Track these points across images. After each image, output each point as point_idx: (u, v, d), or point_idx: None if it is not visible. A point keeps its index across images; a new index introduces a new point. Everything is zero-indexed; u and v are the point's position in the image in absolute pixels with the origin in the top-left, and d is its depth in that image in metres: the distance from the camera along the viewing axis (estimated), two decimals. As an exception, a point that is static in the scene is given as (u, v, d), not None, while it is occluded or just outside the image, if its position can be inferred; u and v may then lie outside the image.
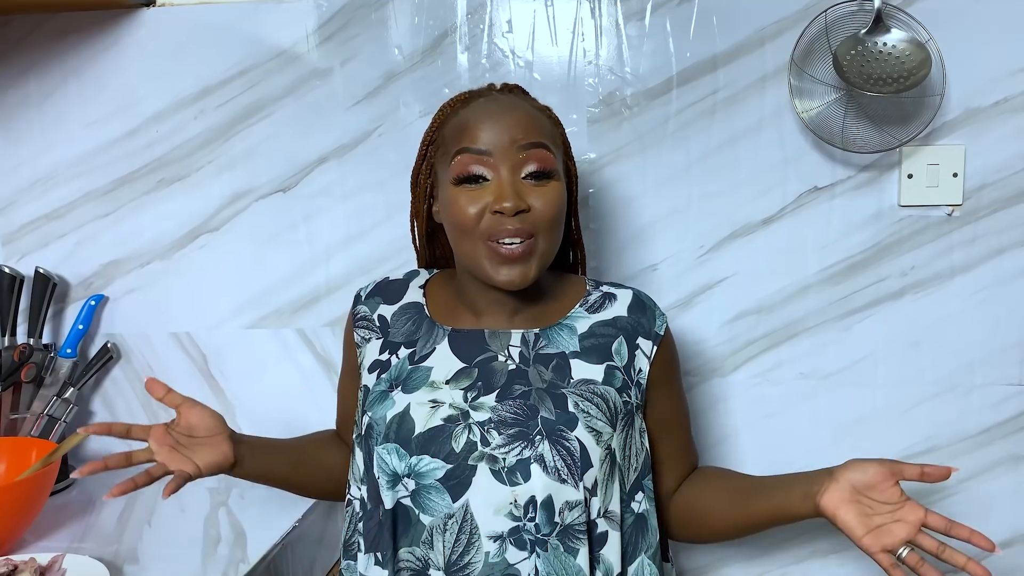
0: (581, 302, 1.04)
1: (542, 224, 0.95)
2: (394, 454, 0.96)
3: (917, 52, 1.20)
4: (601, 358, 1.00)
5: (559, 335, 1.01)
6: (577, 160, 1.34)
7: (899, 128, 1.26)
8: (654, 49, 1.33)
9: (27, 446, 1.28)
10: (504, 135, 0.94)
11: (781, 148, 1.32)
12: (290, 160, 1.43)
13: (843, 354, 1.35)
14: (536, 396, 0.97)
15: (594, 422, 0.96)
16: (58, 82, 1.47)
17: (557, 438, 0.94)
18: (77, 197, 1.49)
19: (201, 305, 1.49)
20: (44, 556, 1.11)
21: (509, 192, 0.93)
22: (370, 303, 1.10)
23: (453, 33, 1.36)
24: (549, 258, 0.98)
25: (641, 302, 1.05)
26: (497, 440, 0.94)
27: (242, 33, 1.40)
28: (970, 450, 1.35)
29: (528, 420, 0.95)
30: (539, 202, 0.94)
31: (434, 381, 0.99)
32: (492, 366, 0.99)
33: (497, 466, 0.93)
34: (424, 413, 0.97)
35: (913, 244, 1.32)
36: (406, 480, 0.96)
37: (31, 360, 1.43)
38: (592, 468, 0.95)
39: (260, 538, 1.22)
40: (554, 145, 0.99)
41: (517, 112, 0.96)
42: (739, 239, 1.35)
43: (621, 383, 1.00)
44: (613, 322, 1.02)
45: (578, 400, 0.97)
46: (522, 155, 0.94)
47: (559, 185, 0.97)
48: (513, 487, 0.93)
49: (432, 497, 0.95)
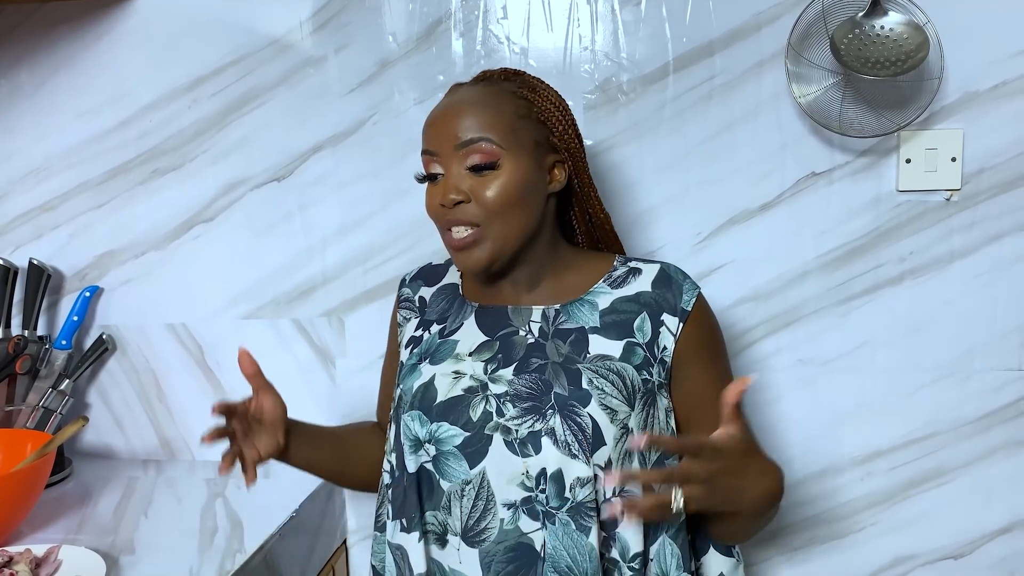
0: (605, 278, 1.05)
1: (487, 212, 0.98)
2: (417, 420, 1.01)
3: (915, 35, 1.19)
4: (621, 334, 1.00)
5: (580, 311, 1.03)
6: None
7: (897, 112, 1.25)
8: (650, 34, 1.32)
9: (23, 438, 1.28)
10: (444, 135, 1.00)
11: (779, 133, 1.31)
12: (285, 149, 1.42)
13: (842, 340, 1.35)
14: (551, 371, 0.99)
15: (608, 399, 0.97)
16: (50, 72, 1.46)
17: (569, 413, 0.96)
18: (70, 188, 1.48)
19: (196, 296, 1.48)
20: (40, 547, 1.11)
21: (449, 186, 0.99)
22: (412, 286, 1.17)
23: (448, 20, 1.35)
24: (506, 244, 1.00)
25: (667, 276, 1.03)
26: (512, 412, 0.97)
27: (235, 21, 1.40)
28: (970, 435, 1.34)
29: (542, 395, 0.97)
30: (480, 191, 0.98)
31: (459, 353, 1.04)
32: (513, 340, 1.03)
33: (510, 437, 0.96)
34: (447, 383, 1.02)
35: (912, 229, 1.31)
36: (427, 446, 1.00)
37: (26, 352, 1.43)
38: (605, 446, 0.96)
39: (257, 528, 1.21)
40: (507, 131, 0.99)
41: (457, 108, 1.00)
42: (737, 225, 1.34)
43: (642, 360, 1.00)
44: (636, 298, 1.02)
45: (592, 376, 0.98)
46: (461, 152, 0.99)
47: (505, 171, 0.99)
48: (524, 458, 0.95)
49: (451, 463, 0.98)
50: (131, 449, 1.54)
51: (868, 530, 1.38)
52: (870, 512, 1.38)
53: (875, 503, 1.38)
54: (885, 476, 1.37)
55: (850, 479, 1.38)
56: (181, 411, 1.52)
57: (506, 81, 1.05)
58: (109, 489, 1.39)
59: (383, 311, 1.37)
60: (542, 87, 1.05)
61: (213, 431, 0.99)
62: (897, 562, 1.38)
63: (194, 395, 1.51)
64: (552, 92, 1.05)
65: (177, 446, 1.53)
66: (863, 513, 1.38)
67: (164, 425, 1.53)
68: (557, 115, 1.04)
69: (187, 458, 1.53)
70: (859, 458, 1.37)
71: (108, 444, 1.55)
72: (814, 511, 1.39)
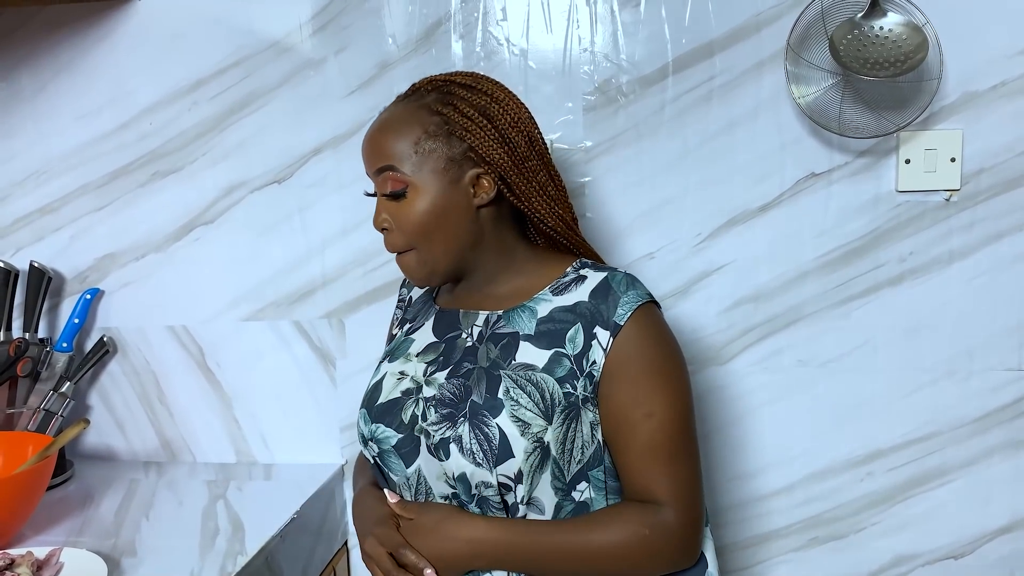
0: (552, 284, 1.02)
1: (408, 238, 1.01)
2: (362, 419, 1.06)
3: (914, 35, 1.19)
4: (551, 344, 0.97)
5: (519, 317, 1.01)
6: (572, 148, 1.35)
7: (896, 113, 1.25)
8: (649, 36, 1.32)
9: (24, 440, 1.28)
10: (365, 159, 1.03)
11: (778, 134, 1.31)
12: (285, 151, 1.42)
13: (842, 341, 1.35)
14: (476, 376, 0.99)
15: (521, 411, 0.95)
16: (51, 75, 1.46)
17: (478, 422, 0.96)
18: (71, 190, 1.48)
19: (197, 298, 1.48)
20: (41, 550, 1.11)
21: (377, 214, 1.03)
22: (409, 285, 1.21)
23: (447, 22, 1.35)
24: (439, 260, 1.01)
25: (607, 287, 0.98)
26: (432, 417, 0.99)
27: (235, 24, 1.40)
28: (969, 435, 1.34)
29: (460, 402, 0.98)
30: (397, 220, 1.01)
31: (409, 353, 1.08)
32: (456, 343, 1.04)
33: (429, 441, 0.98)
34: (391, 384, 1.06)
35: (911, 230, 1.31)
36: (371, 444, 1.05)
37: (27, 355, 1.43)
38: (514, 459, 0.94)
39: (258, 530, 1.21)
40: (413, 154, 0.98)
41: (372, 134, 1.02)
42: (736, 226, 1.34)
43: (567, 372, 0.96)
44: (573, 308, 0.98)
45: (510, 385, 0.96)
46: (377, 179, 1.02)
47: (416, 197, 0.99)
48: (440, 462, 0.97)
49: (392, 461, 1.02)
50: (132, 451, 1.54)
51: (868, 530, 1.38)
52: (870, 512, 1.38)
53: (875, 503, 1.38)
54: (885, 476, 1.37)
55: (850, 479, 1.38)
56: (182, 413, 1.52)
57: (432, 92, 1.01)
58: (110, 491, 1.39)
59: (383, 312, 1.37)
60: (462, 97, 0.99)
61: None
62: (897, 562, 1.38)
63: (195, 397, 1.51)
64: (478, 99, 0.99)
65: (178, 447, 1.53)
66: (863, 513, 1.38)
67: (165, 427, 1.53)
68: (474, 127, 0.98)
69: (188, 460, 1.53)
70: (859, 458, 1.37)
71: (109, 446, 1.55)
72: (814, 511, 1.39)
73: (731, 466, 1.40)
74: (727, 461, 1.40)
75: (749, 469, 1.40)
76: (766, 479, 1.40)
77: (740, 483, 1.40)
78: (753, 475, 1.40)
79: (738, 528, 1.41)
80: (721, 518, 1.42)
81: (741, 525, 1.41)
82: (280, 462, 1.50)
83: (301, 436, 1.49)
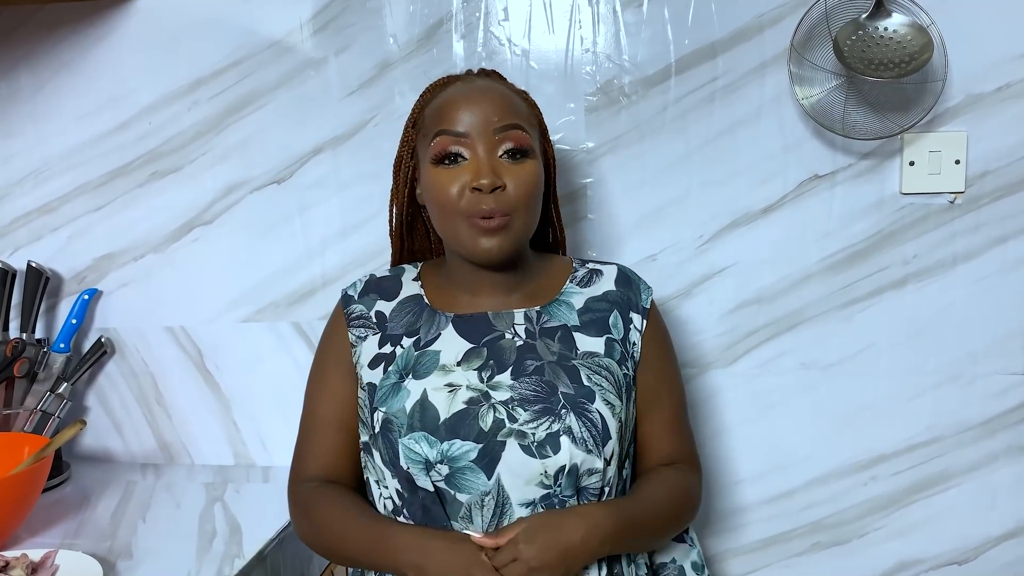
0: (571, 278, 1.08)
1: (518, 202, 0.98)
2: (423, 442, 0.96)
3: (919, 36, 1.18)
4: (600, 331, 1.03)
5: (559, 310, 1.04)
6: (575, 149, 1.34)
7: (900, 115, 1.24)
8: (652, 36, 1.31)
9: (20, 442, 1.26)
10: (480, 116, 0.97)
11: (781, 136, 1.31)
12: (284, 151, 1.41)
13: (845, 344, 1.34)
14: (551, 370, 0.99)
15: (608, 395, 0.99)
16: (50, 74, 1.45)
17: (581, 410, 0.97)
18: (70, 190, 1.47)
19: (196, 299, 1.47)
20: (37, 552, 1.09)
21: (486, 170, 0.96)
22: (365, 301, 1.09)
23: (449, 21, 1.35)
24: (525, 235, 1.01)
25: (627, 276, 1.08)
26: (524, 416, 0.96)
27: (235, 23, 1.39)
28: (973, 440, 1.33)
29: (550, 396, 0.97)
30: (515, 181, 0.97)
31: (444, 364, 1.01)
32: (500, 344, 1.01)
33: (527, 441, 0.95)
34: (443, 398, 0.98)
35: (915, 232, 1.30)
36: (439, 466, 0.96)
37: (24, 355, 1.42)
38: (611, 440, 0.98)
39: (256, 533, 1.20)
40: (529, 126, 1.01)
41: (493, 94, 1.00)
42: (739, 228, 1.33)
43: (620, 355, 1.03)
44: (605, 296, 1.06)
45: (589, 373, 1.00)
46: (498, 136, 0.97)
47: (535, 164, 1.00)
48: (543, 459, 0.95)
49: (468, 477, 0.96)
50: (129, 453, 1.53)
51: (871, 535, 1.37)
52: (873, 517, 1.37)
53: (878, 508, 1.37)
54: (888, 481, 1.36)
55: (853, 484, 1.37)
56: (180, 415, 1.51)
57: (504, 81, 1.08)
58: (107, 493, 1.38)
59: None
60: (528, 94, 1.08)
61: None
62: (901, 568, 1.37)
63: (193, 399, 1.50)
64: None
65: (176, 450, 1.52)
66: (866, 518, 1.37)
67: (163, 429, 1.52)
68: (544, 121, 1.07)
69: (186, 462, 1.52)
70: (862, 463, 1.36)
71: (106, 447, 1.54)
72: (817, 516, 1.38)
73: (733, 470, 1.39)
74: (729, 465, 1.39)
75: (751, 473, 1.39)
76: (768, 483, 1.39)
77: (742, 487, 1.39)
78: (755, 479, 1.39)
79: (739, 533, 1.40)
80: (722, 523, 1.40)
81: (743, 530, 1.40)
82: (279, 464, 1.48)
83: (300, 438, 1.47)
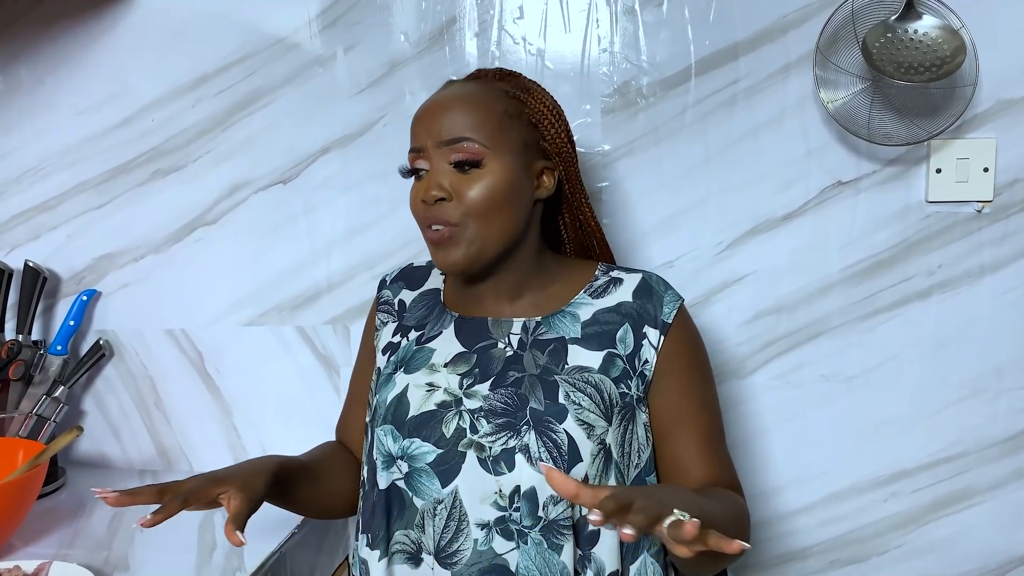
0: (586, 288, 1.03)
1: (467, 212, 0.95)
2: (390, 435, 0.99)
3: (951, 39, 1.14)
4: (602, 345, 0.98)
5: (561, 322, 1.00)
6: (590, 152, 1.31)
7: (928, 120, 1.21)
8: (672, 36, 1.28)
9: (14, 447, 1.24)
10: (430, 130, 0.97)
11: (804, 140, 1.27)
12: (290, 151, 1.39)
13: (867, 356, 1.31)
14: (528, 384, 0.96)
15: (585, 414, 0.94)
16: (49, 68, 1.43)
17: (544, 429, 0.93)
18: (69, 188, 1.45)
19: (197, 301, 1.45)
20: (30, 564, 1.07)
21: (431, 183, 0.96)
22: (394, 288, 1.13)
23: (462, 19, 1.32)
24: (486, 245, 0.96)
25: (648, 287, 1.01)
26: (485, 428, 0.94)
27: (241, 18, 1.36)
28: (998, 457, 1.30)
29: (517, 411, 0.95)
30: (463, 190, 0.95)
31: (434, 364, 1.01)
32: (491, 353, 1.00)
33: (484, 454, 0.93)
34: (420, 396, 0.99)
35: (941, 242, 1.27)
36: (399, 462, 0.98)
37: (20, 357, 1.39)
38: (581, 463, 0.93)
39: (258, 545, 1.16)
40: (494, 132, 0.96)
41: (447, 105, 0.97)
42: (759, 235, 1.30)
43: (620, 372, 0.97)
44: (617, 308, 1.00)
45: (569, 390, 0.95)
46: (443, 148, 0.96)
47: (489, 172, 0.96)
48: (498, 476, 0.92)
49: (423, 481, 0.95)
50: (127, 458, 1.51)
51: (892, 553, 1.34)
52: (894, 535, 1.34)
53: (899, 525, 1.34)
54: (910, 497, 1.33)
55: (873, 500, 1.34)
56: (179, 420, 1.48)
57: (500, 80, 1.03)
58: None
59: (391, 319, 1.34)
60: (537, 89, 1.03)
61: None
62: (921, 587, 1.34)
63: (193, 404, 1.47)
64: (547, 96, 1.03)
65: (175, 456, 1.49)
66: (886, 535, 1.34)
67: (162, 434, 1.49)
68: (550, 118, 1.01)
69: (185, 468, 1.49)
70: (883, 478, 1.33)
71: (103, 453, 1.51)
72: (835, 533, 1.35)
73: (749, 484, 1.36)
74: (745, 478, 1.34)
75: (768, 487, 1.36)
76: (785, 498, 1.36)
77: (758, 502, 1.36)
78: (772, 494, 1.36)
79: (755, 549, 1.37)
80: (737, 538, 1.37)
81: (759, 546, 1.37)
82: (280, 473, 1.45)
83: (303, 447, 1.41)
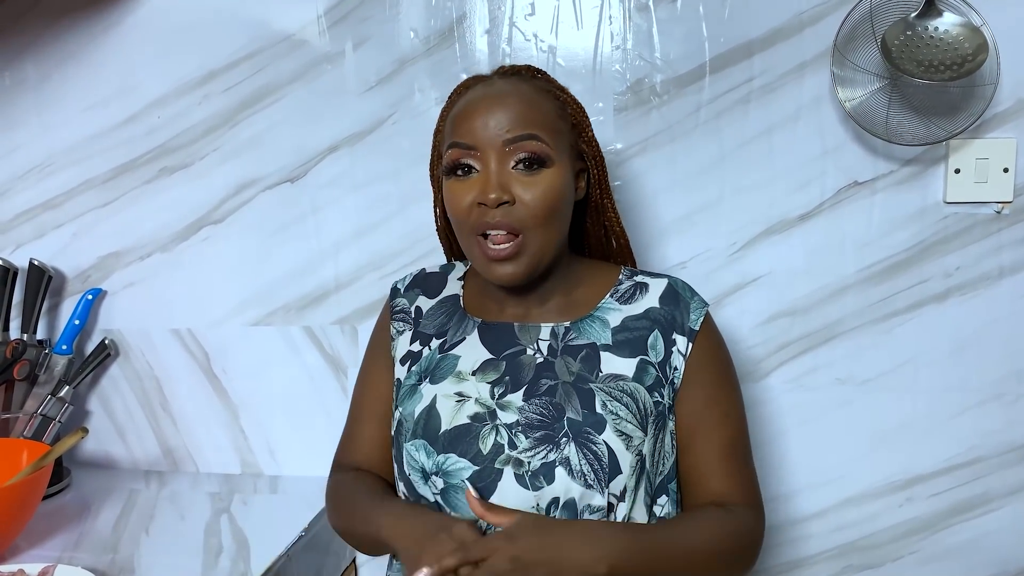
0: (611, 292, 1.00)
1: (530, 218, 0.92)
2: (422, 451, 0.95)
3: (972, 37, 1.12)
4: (635, 352, 0.96)
5: (591, 327, 0.98)
6: (602, 150, 1.28)
7: (947, 119, 1.18)
8: (686, 33, 1.26)
9: (19, 447, 1.23)
10: (490, 128, 0.92)
11: (820, 140, 1.25)
12: (298, 149, 1.37)
13: (883, 359, 1.29)
14: (563, 392, 0.94)
15: (624, 425, 0.92)
16: (55, 64, 1.41)
17: (584, 441, 0.91)
18: (75, 185, 1.44)
19: (204, 300, 1.43)
20: (34, 567, 1.06)
21: (493, 183, 0.91)
22: (409, 295, 1.09)
23: (472, 15, 1.30)
24: (544, 254, 0.94)
25: (675, 292, 0.99)
26: (524, 444, 0.92)
27: (249, 14, 1.35)
28: (1016, 461, 1.28)
29: (554, 422, 0.92)
30: (527, 194, 0.91)
31: (460, 372, 0.98)
32: (520, 360, 0.97)
33: (522, 470, 0.91)
34: (450, 408, 0.96)
35: (959, 243, 1.25)
36: (435, 478, 0.94)
37: (24, 357, 1.39)
38: (621, 475, 0.91)
39: (264, 548, 1.16)
40: (553, 132, 0.94)
41: (507, 101, 0.94)
42: (774, 236, 1.28)
43: (654, 380, 0.95)
44: (646, 314, 0.98)
45: (606, 399, 0.93)
46: (509, 147, 0.92)
47: (552, 173, 0.93)
48: (536, 491, 0.90)
49: (460, 497, 0.92)
50: (133, 459, 1.50)
51: (906, 559, 1.32)
52: (908, 540, 1.32)
53: (914, 531, 1.32)
54: (926, 503, 1.31)
55: (888, 505, 1.32)
56: (185, 420, 1.47)
57: (537, 78, 1.01)
58: (109, 502, 1.33)
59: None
60: (567, 90, 1.01)
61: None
62: (937, 593, 1.32)
63: (199, 404, 1.46)
64: (575, 98, 1.01)
65: (181, 457, 1.48)
66: (902, 541, 1.32)
67: (167, 434, 1.48)
68: (586, 120, 1.00)
69: (191, 470, 1.48)
70: (898, 483, 1.31)
71: (109, 453, 1.50)
72: (850, 538, 1.33)
73: (763, 488, 1.33)
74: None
75: (782, 492, 1.34)
76: (799, 502, 1.34)
77: (772, 506, 1.33)
78: (786, 498, 1.34)
79: (768, 554, 1.35)
80: (749, 542, 1.35)
81: (771, 551, 1.35)
82: (287, 474, 1.44)
83: (310, 448, 1.43)
